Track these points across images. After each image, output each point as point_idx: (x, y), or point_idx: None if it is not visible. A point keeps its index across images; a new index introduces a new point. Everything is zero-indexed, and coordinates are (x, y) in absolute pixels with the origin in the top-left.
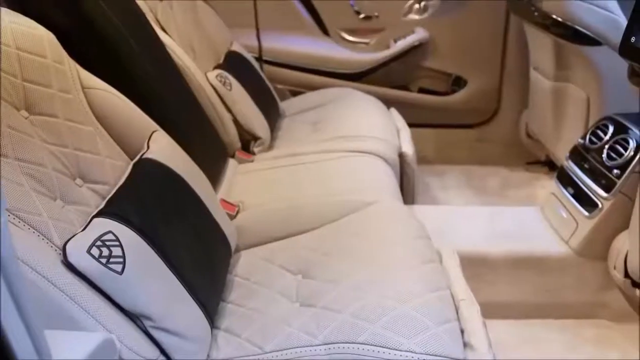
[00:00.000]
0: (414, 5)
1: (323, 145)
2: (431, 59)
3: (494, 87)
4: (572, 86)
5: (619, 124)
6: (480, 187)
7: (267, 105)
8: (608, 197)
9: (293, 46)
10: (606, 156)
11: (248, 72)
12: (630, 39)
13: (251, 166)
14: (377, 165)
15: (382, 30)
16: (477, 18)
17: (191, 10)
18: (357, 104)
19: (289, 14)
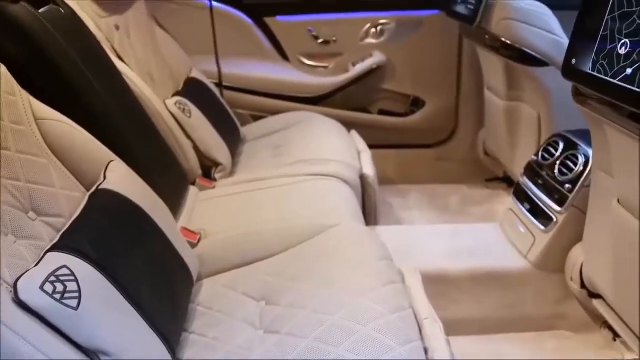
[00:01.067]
0: (371, 29)
1: (284, 169)
2: (389, 81)
3: (451, 107)
4: (524, 105)
5: (568, 140)
6: (442, 205)
7: (227, 131)
8: (562, 211)
9: (253, 71)
10: (558, 172)
11: (208, 99)
12: (571, 61)
13: (213, 193)
14: (339, 187)
15: (341, 55)
16: (431, 41)
17: (150, 38)
18: (317, 127)
19: (248, 40)
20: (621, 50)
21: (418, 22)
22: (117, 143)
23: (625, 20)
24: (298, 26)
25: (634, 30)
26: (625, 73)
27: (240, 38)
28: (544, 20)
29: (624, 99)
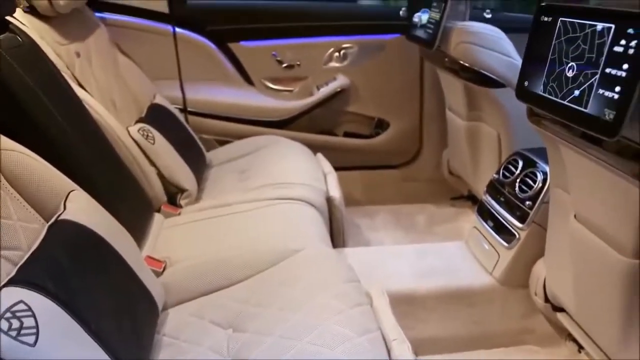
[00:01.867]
0: (334, 53)
1: (250, 194)
2: (354, 104)
3: (415, 128)
4: (484, 125)
5: (527, 158)
6: (409, 225)
7: (192, 157)
8: (523, 228)
9: (218, 96)
10: (518, 189)
11: (172, 124)
12: (524, 83)
13: (178, 220)
14: (305, 211)
15: (305, 79)
16: (394, 64)
17: (112, 64)
18: (283, 150)
19: (212, 65)
20: (569, 73)
21: (380, 45)
22: (78, 172)
23: (571, 44)
24: (262, 51)
25: (579, 54)
26: (574, 94)
27: (204, 63)
28: (499, 44)
29: (573, 119)
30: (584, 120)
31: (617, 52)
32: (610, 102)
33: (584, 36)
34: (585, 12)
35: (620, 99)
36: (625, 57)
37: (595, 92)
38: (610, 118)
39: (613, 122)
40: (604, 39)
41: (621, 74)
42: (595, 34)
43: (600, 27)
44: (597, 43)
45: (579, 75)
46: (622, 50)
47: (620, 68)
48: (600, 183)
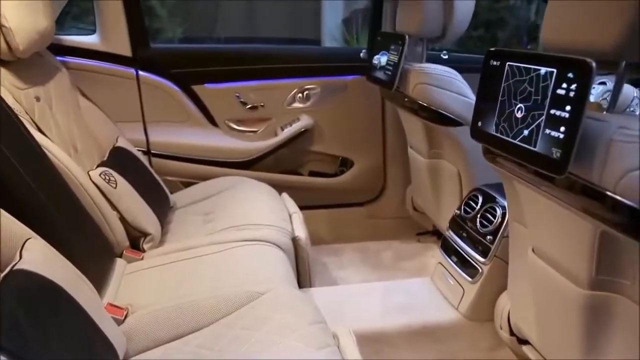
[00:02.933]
0: (297, 94)
1: (215, 236)
2: (318, 143)
3: (379, 166)
4: (445, 162)
5: (486, 194)
6: (376, 262)
7: (156, 199)
8: (486, 262)
9: (182, 138)
10: (479, 224)
11: (134, 167)
12: (477, 123)
13: (141, 264)
14: (271, 252)
15: (269, 119)
16: (356, 104)
17: (73, 108)
18: (248, 191)
19: (176, 107)
20: (518, 113)
21: (343, 86)
22: (35, 219)
23: (519, 87)
24: (225, 92)
25: (527, 96)
26: (523, 134)
27: (167, 105)
28: (455, 84)
29: (524, 157)
30: (534, 159)
31: (560, 95)
32: (557, 142)
33: (530, 79)
34: (530, 57)
35: (565, 139)
36: (567, 99)
37: (543, 132)
38: (557, 156)
39: (560, 160)
40: (547, 82)
41: (565, 115)
42: (539, 78)
43: (544, 71)
44: (541, 86)
45: (527, 116)
46: (564, 92)
47: (564, 109)
48: (554, 217)
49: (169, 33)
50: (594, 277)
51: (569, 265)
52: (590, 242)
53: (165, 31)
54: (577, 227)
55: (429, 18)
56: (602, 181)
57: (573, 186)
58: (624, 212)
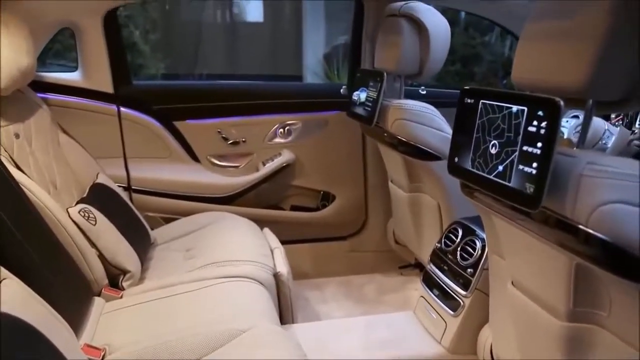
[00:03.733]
0: (279, 129)
1: (196, 273)
2: (299, 178)
3: (361, 199)
4: (425, 196)
5: (466, 227)
6: (359, 296)
7: (136, 236)
8: (467, 295)
9: (163, 173)
10: (460, 257)
11: (115, 204)
12: (454, 159)
13: (119, 303)
14: (252, 289)
15: (251, 155)
16: (337, 139)
17: (53, 145)
18: (229, 227)
19: (157, 143)
20: (492, 150)
21: (323, 121)
22: (10, 258)
23: (493, 124)
24: (207, 128)
25: (500, 133)
26: (498, 170)
27: (149, 141)
28: (433, 119)
29: (499, 192)
30: (509, 194)
31: (531, 132)
32: (530, 177)
33: (503, 117)
34: (502, 96)
35: (537, 174)
36: (538, 136)
37: (516, 168)
38: (531, 191)
39: (534, 196)
40: (519, 120)
41: (536, 152)
42: (511, 115)
43: (515, 109)
44: (514, 123)
45: (501, 152)
46: (535, 130)
47: (535, 146)
48: (530, 250)
49: (152, 69)
50: (571, 309)
51: (547, 297)
52: (566, 275)
53: (148, 67)
54: (553, 259)
55: (406, 56)
56: (574, 215)
57: (547, 220)
58: (597, 245)
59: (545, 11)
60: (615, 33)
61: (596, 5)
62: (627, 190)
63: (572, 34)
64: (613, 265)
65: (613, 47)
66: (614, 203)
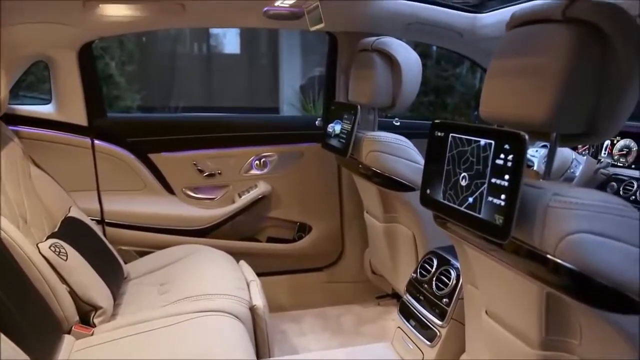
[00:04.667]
0: (255, 161)
1: (170, 308)
2: (275, 210)
3: (337, 230)
4: (400, 226)
5: (441, 257)
6: (336, 327)
7: (108, 271)
8: (443, 325)
9: (137, 206)
10: (435, 287)
11: (87, 238)
12: (426, 191)
13: (90, 340)
14: (227, 323)
15: (227, 186)
16: (312, 170)
17: (24, 179)
18: (205, 260)
19: (132, 176)
20: (462, 182)
21: (299, 152)
22: None
23: (462, 157)
24: (183, 160)
25: (469, 165)
26: (468, 202)
27: (123, 174)
28: (406, 151)
29: (470, 224)
30: (479, 225)
31: (499, 165)
32: (499, 209)
33: (472, 150)
34: (470, 129)
35: (506, 206)
36: (505, 168)
37: (486, 200)
38: (500, 223)
39: (503, 227)
40: (487, 153)
41: (504, 184)
42: (480, 149)
43: (483, 142)
44: (482, 156)
45: (471, 184)
46: (502, 162)
47: (503, 178)
48: (503, 280)
49: (128, 100)
50: (544, 337)
51: (520, 326)
52: (537, 304)
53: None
54: (525, 289)
55: (379, 89)
56: (542, 245)
57: (517, 250)
58: (565, 275)
59: (509, 50)
60: (575, 71)
61: (556, 45)
62: (591, 220)
63: (535, 71)
64: (581, 294)
65: (573, 84)
66: (579, 233)
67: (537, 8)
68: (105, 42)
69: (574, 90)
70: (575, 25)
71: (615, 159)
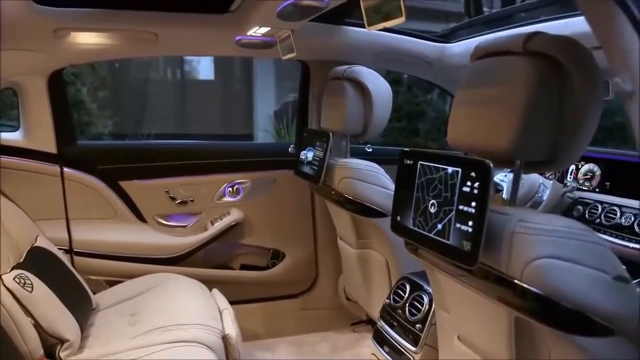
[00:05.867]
0: (227, 188)
1: (140, 340)
2: (249, 237)
3: (311, 257)
4: (373, 252)
5: (413, 282)
6: (311, 355)
7: (76, 302)
8: (417, 351)
9: (107, 235)
10: (409, 313)
11: (54, 268)
12: (397, 217)
13: None
14: (199, 354)
15: (199, 214)
16: (286, 197)
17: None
18: (176, 289)
19: (102, 204)
20: (431, 209)
21: (272, 179)
22: None
23: (430, 184)
24: (154, 188)
25: (438, 192)
26: (437, 228)
27: (93, 202)
28: (377, 177)
29: (439, 250)
30: (448, 251)
31: (466, 192)
32: (467, 235)
33: (439, 178)
34: (438, 157)
35: (473, 232)
36: (472, 195)
37: (454, 226)
38: (468, 249)
39: (471, 253)
40: (454, 181)
41: (471, 211)
42: (447, 176)
43: (451, 170)
44: (450, 184)
45: (440, 211)
46: (469, 190)
47: (470, 205)
48: (473, 305)
49: (99, 127)
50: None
51: (491, 351)
52: (507, 328)
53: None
54: (494, 313)
55: (351, 117)
56: (509, 270)
57: (486, 275)
58: (531, 299)
59: (473, 80)
60: (535, 101)
61: (517, 76)
62: (555, 245)
63: (498, 101)
64: (547, 318)
65: (535, 113)
66: (544, 258)
67: (500, 41)
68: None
69: (536, 120)
70: (535, 58)
71: (581, 183)
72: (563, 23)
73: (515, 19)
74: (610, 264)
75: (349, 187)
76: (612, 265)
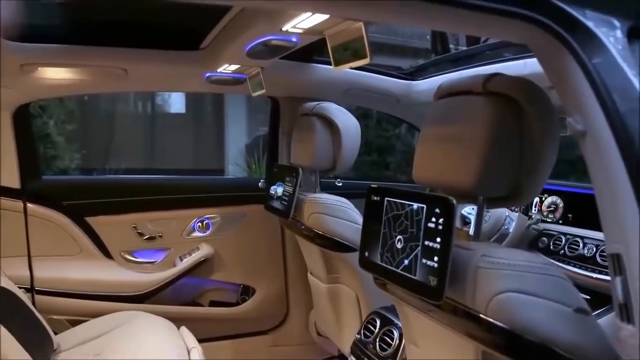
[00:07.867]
0: (196, 223)
1: None
2: (218, 272)
3: (281, 292)
4: (343, 286)
5: (384, 317)
6: None
7: (35, 343)
8: None
9: (71, 273)
10: (379, 348)
11: (12, 308)
12: (365, 253)
13: None
14: None
15: (168, 250)
16: (256, 232)
17: None
18: (143, 327)
19: (66, 240)
20: (398, 244)
21: (242, 214)
22: None
23: (397, 220)
24: (122, 223)
25: (404, 228)
26: (404, 264)
27: (57, 238)
28: (347, 212)
29: (406, 285)
30: (415, 286)
31: (431, 228)
32: (433, 270)
33: (405, 214)
34: (404, 194)
35: (439, 268)
36: (437, 231)
37: (420, 262)
38: (434, 284)
39: (437, 288)
40: (420, 217)
41: (436, 246)
42: (413, 212)
43: (416, 206)
44: (415, 220)
45: (406, 247)
46: (434, 226)
47: (435, 241)
48: (442, 339)
49: (66, 160)
50: None
51: None
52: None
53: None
54: (462, 347)
55: (320, 152)
56: (474, 305)
57: (453, 310)
58: (496, 333)
59: (437, 118)
60: (496, 140)
61: (478, 115)
62: (517, 279)
63: (460, 139)
64: (512, 351)
65: (495, 151)
66: (507, 292)
67: (461, 81)
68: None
69: (496, 157)
70: (495, 98)
71: (545, 215)
72: (522, 63)
73: (479, 58)
74: (570, 297)
75: (318, 222)
76: (572, 298)
